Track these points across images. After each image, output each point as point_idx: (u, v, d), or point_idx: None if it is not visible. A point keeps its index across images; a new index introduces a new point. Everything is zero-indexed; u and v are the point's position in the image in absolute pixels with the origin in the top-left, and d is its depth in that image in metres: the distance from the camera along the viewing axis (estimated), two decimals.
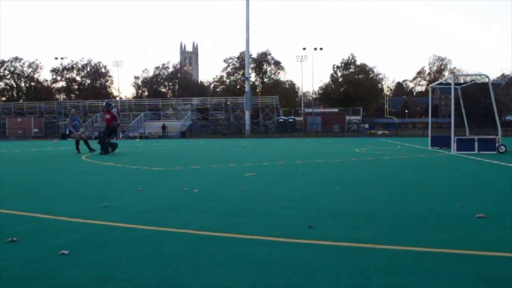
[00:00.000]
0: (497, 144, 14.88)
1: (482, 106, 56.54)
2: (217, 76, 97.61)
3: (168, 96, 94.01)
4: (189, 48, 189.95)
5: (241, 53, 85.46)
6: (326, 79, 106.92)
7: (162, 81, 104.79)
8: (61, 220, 4.25)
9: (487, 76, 17.98)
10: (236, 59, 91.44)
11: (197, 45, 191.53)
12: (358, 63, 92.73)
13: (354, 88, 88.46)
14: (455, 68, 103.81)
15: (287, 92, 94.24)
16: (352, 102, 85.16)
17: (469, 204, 4.92)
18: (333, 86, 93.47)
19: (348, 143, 27.67)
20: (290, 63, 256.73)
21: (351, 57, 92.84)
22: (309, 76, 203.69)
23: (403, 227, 3.84)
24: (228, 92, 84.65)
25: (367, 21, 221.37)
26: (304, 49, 79.88)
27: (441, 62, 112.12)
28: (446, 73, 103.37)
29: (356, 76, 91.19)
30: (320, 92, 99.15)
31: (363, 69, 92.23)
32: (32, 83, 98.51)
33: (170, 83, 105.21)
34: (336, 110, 78.76)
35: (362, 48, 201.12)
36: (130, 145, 26.27)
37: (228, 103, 67.44)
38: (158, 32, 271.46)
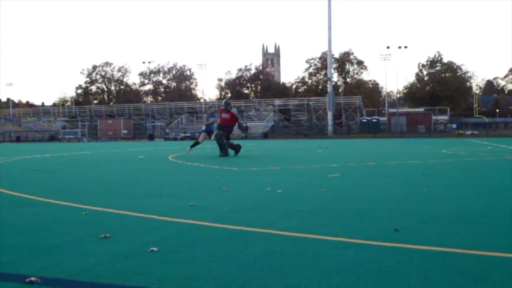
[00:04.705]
0: None
1: None
2: (299, 77, 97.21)
3: (251, 98, 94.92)
4: (271, 50, 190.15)
5: (323, 53, 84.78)
6: (411, 78, 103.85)
7: (244, 82, 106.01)
8: (150, 218, 4.40)
9: None
10: (318, 60, 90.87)
11: (279, 46, 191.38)
12: (444, 61, 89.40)
13: (440, 87, 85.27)
14: None
15: (371, 92, 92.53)
16: (439, 101, 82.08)
17: None
18: (418, 85, 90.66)
19: (435, 144, 26.74)
20: (373, 62, 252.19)
21: (437, 55, 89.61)
22: (393, 75, 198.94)
23: (498, 232, 3.64)
24: (310, 92, 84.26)
25: (453, 18, 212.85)
26: (387, 47, 77.91)
27: None
28: None
29: (443, 75, 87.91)
30: (404, 91, 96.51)
31: (450, 67, 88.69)
32: (122, 87, 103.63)
33: (253, 85, 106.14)
34: (421, 110, 76.11)
35: (449, 45, 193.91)
36: (211, 146, 26.80)
37: (310, 103, 67.18)
38: (240, 34, 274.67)
